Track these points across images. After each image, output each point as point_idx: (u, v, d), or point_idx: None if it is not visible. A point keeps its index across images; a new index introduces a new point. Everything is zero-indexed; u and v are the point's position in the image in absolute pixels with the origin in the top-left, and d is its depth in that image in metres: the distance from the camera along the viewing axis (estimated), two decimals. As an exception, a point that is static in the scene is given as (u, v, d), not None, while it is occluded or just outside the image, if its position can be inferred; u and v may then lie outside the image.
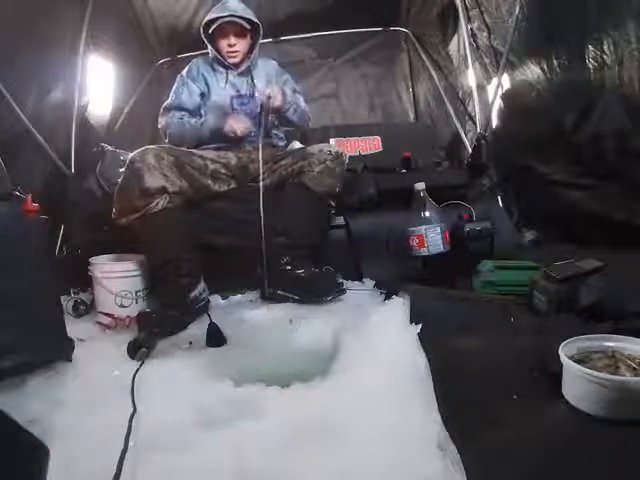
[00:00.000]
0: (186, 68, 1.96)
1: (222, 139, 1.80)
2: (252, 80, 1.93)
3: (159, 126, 1.92)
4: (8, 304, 1.01)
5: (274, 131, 1.97)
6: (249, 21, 1.84)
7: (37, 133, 2.04)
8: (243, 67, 1.92)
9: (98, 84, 2.60)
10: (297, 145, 2.12)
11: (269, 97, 1.72)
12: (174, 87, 1.93)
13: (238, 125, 1.77)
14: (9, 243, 1.06)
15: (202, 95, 1.90)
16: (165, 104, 1.92)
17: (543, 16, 1.90)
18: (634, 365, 0.78)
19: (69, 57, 2.30)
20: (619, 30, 1.51)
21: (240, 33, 1.85)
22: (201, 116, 1.89)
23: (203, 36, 1.88)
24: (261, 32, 1.91)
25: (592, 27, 1.63)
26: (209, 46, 1.91)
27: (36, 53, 1.98)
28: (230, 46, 1.85)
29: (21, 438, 0.57)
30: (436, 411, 0.81)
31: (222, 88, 1.89)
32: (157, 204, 1.52)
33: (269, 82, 1.92)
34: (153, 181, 1.51)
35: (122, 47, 2.76)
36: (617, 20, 1.52)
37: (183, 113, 1.87)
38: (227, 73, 1.91)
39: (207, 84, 1.90)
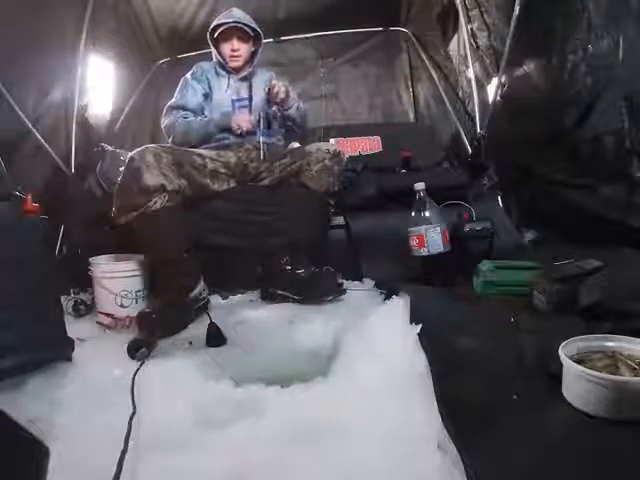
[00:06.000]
0: (190, 71, 1.99)
1: (228, 132, 1.85)
2: (250, 86, 1.97)
3: (162, 126, 1.93)
4: (8, 304, 1.02)
5: (274, 126, 1.98)
6: (252, 29, 1.92)
7: (37, 133, 2.04)
8: (244, 73, 1.97)
9: (98, 84, 2.60)
10: (296, 146, 2.12)
11: (273, 87, 1.80)
12: (178, 88, 1.96)
13: (243, 122, 1.82)
14: (9, 243, 1.06)
15: (205, 96, 1.93)
16: (169, 104, 1.94)
17: (543, 16, 1.90)
18: (634, 365, 0.78)
19: (69, 57, 2.30)
20: (619, 29, 1.51)
21: (243, 38, 1.92)
22: (206, 116, 1.91)
23: (209, 40, 1.95)
24: (262, 41, 1.99)
25: (592, 26, 1.63)
26: (213, 50, 1.97)
27: (36, 53, 1.98)
28: (233, 50, 1.91)
29: (21, 438, 0.57)
30: (436, 411, 0.81)
31: (224, 91, 1.93)
32: (155, 203, 1.52)
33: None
34: (152, 179, 1.51)
35: (122, 47, 2.77)
36: (617, 19, 1.52)
37: (187, 112, 1.89)
38: (229, 77, 1.96)
39: (210, 86, 1.94)
